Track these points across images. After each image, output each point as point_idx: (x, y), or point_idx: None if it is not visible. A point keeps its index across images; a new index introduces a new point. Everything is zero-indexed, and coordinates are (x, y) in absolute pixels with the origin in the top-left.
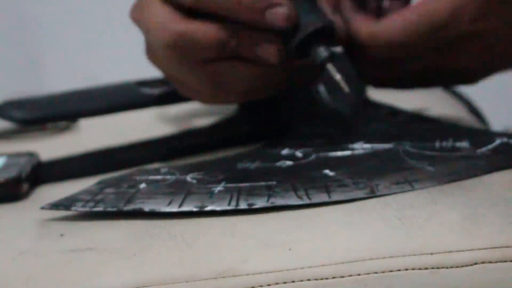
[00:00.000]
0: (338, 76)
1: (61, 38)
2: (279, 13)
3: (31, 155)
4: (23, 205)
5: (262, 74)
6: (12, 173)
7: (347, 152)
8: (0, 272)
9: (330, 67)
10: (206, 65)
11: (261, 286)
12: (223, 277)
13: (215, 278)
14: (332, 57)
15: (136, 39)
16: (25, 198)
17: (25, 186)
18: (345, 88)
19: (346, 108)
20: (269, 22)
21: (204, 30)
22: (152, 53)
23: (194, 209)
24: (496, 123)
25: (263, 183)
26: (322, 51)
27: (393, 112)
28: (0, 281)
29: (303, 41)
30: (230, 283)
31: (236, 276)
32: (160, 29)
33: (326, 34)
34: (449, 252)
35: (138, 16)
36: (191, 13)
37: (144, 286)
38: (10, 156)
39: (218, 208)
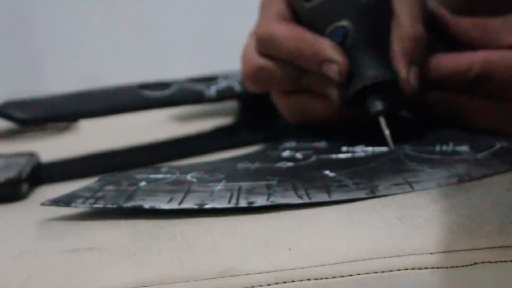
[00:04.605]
0: (387, 132)
1: (61, 38)
2: (333, 69)
3: (31, 155)
4: (23, 205)
5: (333, 108)
6: (12, 173)
7: (347, 155)
8: (0, 272)
9: (381, 121)
10: (286, 96)
11: (261, 286)
12: (223, 277)
13: (215, 278)
14: (386, 111)
15: (136, 40)
16: (25, 198)
17: (25, 186)
18: (391, 145)
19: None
20: (325, 73)
21: (281, 67)
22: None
23: (194, 207)
24: None
25: (263, 182)
26: (377, 104)
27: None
28: (0, 281)
29: (359, 92)
30: (230, 283)
31: (236, 276)
32: (245, 59)
33: (386, 87)
34: (449, 252)
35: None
36: None
37: (144, 286)
38: (10, 156)
39: (218, 206)
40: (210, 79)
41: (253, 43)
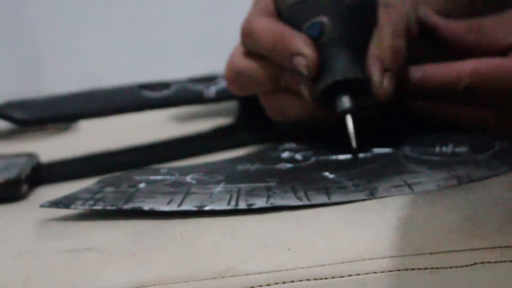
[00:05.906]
0: (351, 130)
1: (61, 38)
2: (301, 62)
3: (30, 155)
4: (22, 206)
5: (310, 106)
6: (11, 173)
7: (347, 156)
8: (0, 272)
9: (348, 119)
10: (267, 96)
11: (260, 286)
12: (223, 277)
13: (215, 278)
14: (353, 109)
15: (136, 40)
16: (25, 198)
17: (24, 187)
18: (354, 144)
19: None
20: (295, 68)
21: (258, 68)
22: None
23: (194, 209)
24: None
25: (262, 184)
26: (345, 102)
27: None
28: (0, 281)
29: (330, 89)
30: (230, 283)
31: (235, 276)
32: (228, 63)
33: (358, 88)
34: (449, 252)
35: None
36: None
37: (144, 286)
38: (10, 156)
39: (217, 208)
40: (210, 79)
41: (238, 47)
